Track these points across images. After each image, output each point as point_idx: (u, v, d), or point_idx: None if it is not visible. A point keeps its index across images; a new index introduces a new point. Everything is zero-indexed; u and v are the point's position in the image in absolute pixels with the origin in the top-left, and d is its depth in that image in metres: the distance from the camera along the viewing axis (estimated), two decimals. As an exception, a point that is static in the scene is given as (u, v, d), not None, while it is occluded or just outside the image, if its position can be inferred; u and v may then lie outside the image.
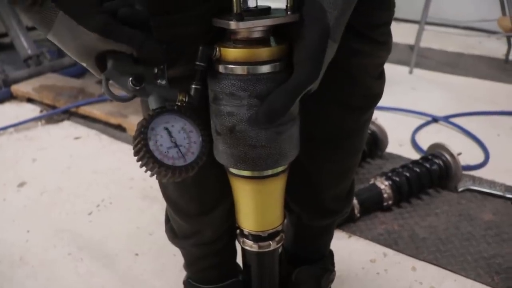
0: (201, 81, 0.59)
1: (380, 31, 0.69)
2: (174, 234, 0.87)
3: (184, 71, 0.61)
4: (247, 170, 0.65)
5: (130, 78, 0.56)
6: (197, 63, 0.58)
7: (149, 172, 0.56)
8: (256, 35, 0.59)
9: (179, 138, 0.57)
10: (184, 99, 0.58)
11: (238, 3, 0.55)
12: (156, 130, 0.56)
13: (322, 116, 0.72)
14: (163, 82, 0.59)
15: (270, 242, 0.73)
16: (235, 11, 0.56)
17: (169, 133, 0.56)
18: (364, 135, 0.81)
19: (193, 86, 0.59)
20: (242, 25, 0.56)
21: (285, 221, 0.90)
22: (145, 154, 0.54)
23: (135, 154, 0.55)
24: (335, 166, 0.80)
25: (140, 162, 0.55)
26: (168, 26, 0.60)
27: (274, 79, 0.58)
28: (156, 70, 0.59)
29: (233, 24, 0.56)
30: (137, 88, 0.56)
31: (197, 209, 0.78)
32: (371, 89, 0.74)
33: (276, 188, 0.69)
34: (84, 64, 0.57)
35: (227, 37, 0.61)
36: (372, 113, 0.79)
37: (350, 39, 0.65)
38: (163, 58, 0.57)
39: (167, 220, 0.88)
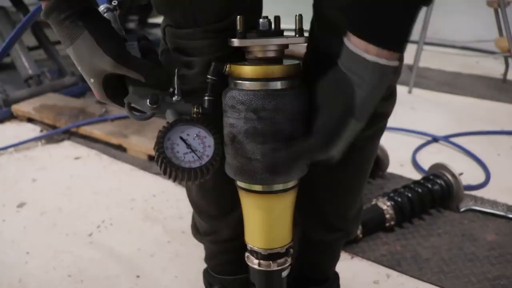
0: (213, 92, 0.65)
1: None
2: (196, 230, 0.94)
3: (200, 84, 0.67)
4: (243, 182, 0.69)
5: (148, 99, 0.64)
6: (209, 76, 0.65)
7: (170, 184, 0.63)
8: (262, 54, 0.63)
9: (194, 144, 0.63)
10: (198, 111, 0.64)
11: (242, 22, 0.61)
12: (172, 139, 0.62)
13: None
14: (178, 98, 0.66)
15: (271, 262, 0.73)
16: (239, 30, 0.61)
17: (184, 141, 0.63)
18: (366, 153, 0.81)
19: (206, 98, 0.65)
20: (237, 42, 0.62)
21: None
22: (163, 161, 0.60)
23: (156, 162, 0.61)
24: (334, 179, 0.80)
25: (161, 170, 0.61)
26: (189, 39, 0.67)
27: (270, 95, 0.62)
28: (170, 89, 0.66)
29: (235, 42, 0.62)
30: (154, 106, 0.64)
31: (216, 211, 0.85)
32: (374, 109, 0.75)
33: (275, 207, 0.70)
34: (92, 81, 0.65)
35: (243, 55, 0.66)
36: (377, 132, 0.79)
37: None
38: (169, 83, 0.65)
39: (193, 217, 0.95)
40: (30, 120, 2.28)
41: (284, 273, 0.75)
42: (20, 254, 1.33)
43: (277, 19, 0.64)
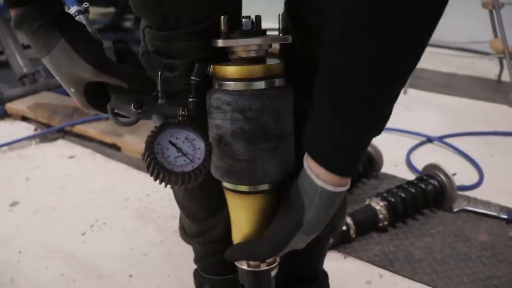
0: (198, 94, 0.64)
1: None
2: (184, 231, 0.93)
3: (181, 87, 0.66)
4: (230, 183, 0.68)
5: (132, 104, 0.61)
6: (192, 77, 0.63)
7: (163, 184, 0.61)
8: (246, 54, 0.63)
9: (184, 147, 0.61)
10: (184, 113, 0.62)
11: (226, 23, 0.60)
12: (162, 144, 0.60)
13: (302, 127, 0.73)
14: (163, 101, 0.64)
15: (260, 262, 0.72)
16: (223, 30, 0.60)
17: (174, 145, 0.61)
18: None
19: (190, 99, 0.63)
20: (221, 42, 0.61)
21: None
22: (155, 166, 0.59)
23: (147, 169, 0.59)
24: None
25: (152, 176, 0.59)
26: (168, 41, 0.65)
27: (256, 95, 0.62)
28: (154, 93, 0.64)
29: (220, 42, 0.61)
30: (139, 111, 0.62)
31: (203, 212, 0.84)
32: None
33: (262, 207, 0.69)
34: (72, 90, 0.63)
35: (225, 56, 0.65)
36: None
37: None
38: (152, 87, 0.63)
39: (180, 218, 0.94)
40: (24, 118, 2.28)
41: (273, 273, 0.75)
42: (12, 253, 1.32)
43: (258, 18, 0.63)
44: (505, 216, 1.41)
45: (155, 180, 0.60)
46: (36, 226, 1.45)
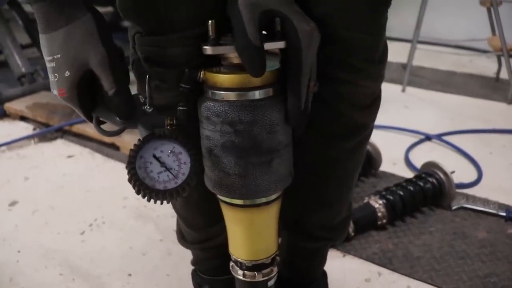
0: (187, 102, 0.60)
1: (360, 58, 0.65)
2: (182, 236, 0.91)
3: (176, 98, 0.62)
4: (222, 196, 0.65)
5: None
6: (182, 85, 0.59)
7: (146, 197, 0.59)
8: (239, 60, 0.57)
9: (168, 161, 0.59)
10: (172, 123, 0.60)
11: (213, 28, 0.56)
12: (145, 157, 0.58)
13: (301, 143, 0.70)
14: (150, 109, 0.60)
15: (256, 273, 0.70)
16: (211, 36, 0.56)
17: (158, 159, 0.59)
18: (351, 164, 0.78)
19: (180, 108, 0.60)
20: (209, 50, 0.57)
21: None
22: (136, 182, 0.57)
23: (129, 182, 0.58)
24: (317, 193, 0.78)
25: (135, 191, 0.58)
26: (162, 46, 0.61)
27: (247, 107, 0.57)
28: (142, 99, 0.61)
29: (208, 50, 0.57)
30: (125, 120, 0.59)
31: (202, 222, 0.82)
32: (352, 119, 0.71)
33: (258, 220, 0.66)
34: (67, 74, 0.58)
35: (218, 60, 0.61)
36: (359, 143, 0.76)
37: (326, 66, 0.63)
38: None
39: (177, 222, 0.92)
40: (23, 118, 2.27)
41: (270, 283, 0.73)
42: (11, 252, 1.32)
43: None
44: (504, 214, 1.41)
45: (138, 194, 0.58)
46: (35, 225, 1.45)
